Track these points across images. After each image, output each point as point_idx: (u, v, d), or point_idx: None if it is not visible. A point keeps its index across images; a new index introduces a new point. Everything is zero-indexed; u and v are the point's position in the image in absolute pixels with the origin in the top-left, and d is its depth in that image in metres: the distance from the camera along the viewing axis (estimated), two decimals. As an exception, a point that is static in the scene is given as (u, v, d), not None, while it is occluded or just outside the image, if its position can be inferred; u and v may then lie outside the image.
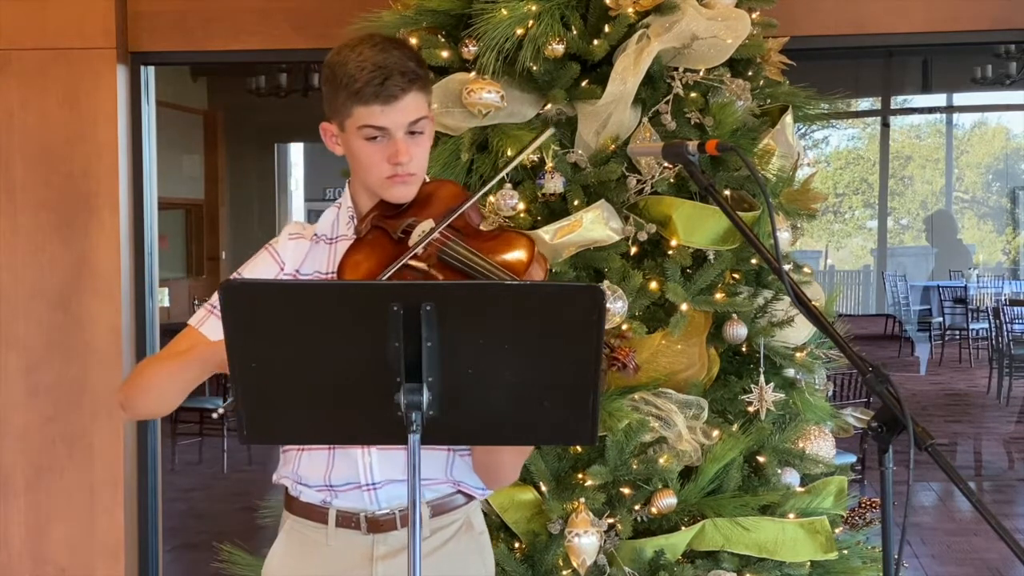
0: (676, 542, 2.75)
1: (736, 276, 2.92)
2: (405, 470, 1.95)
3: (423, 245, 1.89)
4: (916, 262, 18.31)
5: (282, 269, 2.04)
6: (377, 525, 2.00)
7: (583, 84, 2.83)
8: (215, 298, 2.00)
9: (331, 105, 1.98)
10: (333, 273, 1.98)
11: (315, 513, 2.04)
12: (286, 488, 2.09)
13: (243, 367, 1.61)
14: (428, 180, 2.05)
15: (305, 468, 2.02)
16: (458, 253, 1.89)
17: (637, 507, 2.75)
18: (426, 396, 1.58)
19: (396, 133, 1.93)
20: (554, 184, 2.81)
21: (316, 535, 2.04)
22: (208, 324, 2.00)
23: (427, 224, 1.94)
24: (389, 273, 1.87)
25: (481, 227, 2.01)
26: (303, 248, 2.06)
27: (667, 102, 2.86)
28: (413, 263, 1.89)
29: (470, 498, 2.08)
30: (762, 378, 2.86)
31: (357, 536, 2.01)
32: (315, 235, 2.07)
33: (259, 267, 2.05)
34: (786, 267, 2.37)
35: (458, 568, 2.05)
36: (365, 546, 2.01)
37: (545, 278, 1.92)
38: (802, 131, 4.04)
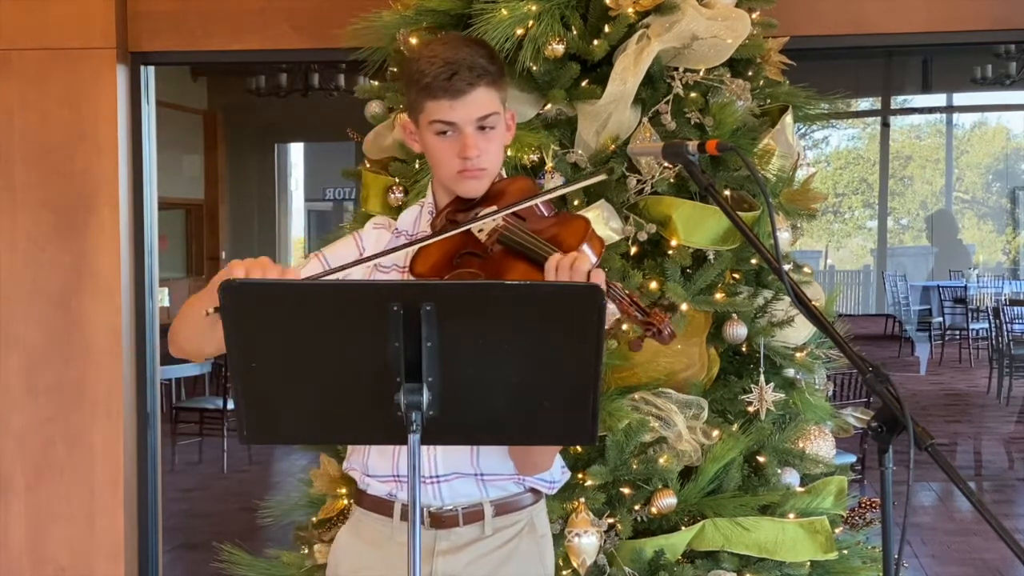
0: (676, 542, 2.75)
1: (736, 276, 2.92)
2: (471, 463, 2.00)
3: (485, 227, 1.93)
4: (916, 262, 18.32)
5: (361, 254, 2.07)
6: (439, 521, 2.03)
7: (583, 84, 2.83)
8: (326, 247, 2.08)
9: (407, 102, 2.03)
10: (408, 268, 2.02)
11: (381, 506, 2.07)
12: (355, 481, 2.13)
13: (243, 367, 1.61)
14: (503, 177, 2.08)
15: (375, 458, 2.06)
16: (518, 237, 1.92)
17: (637, 507, 2.75)
18: (426, 396, 1.58)
19: (465, 128, 1.96)
20: (554, 184, 2.80)
21: (382, 528, 2.07)
22: (309, 267, 2.02)
23: (490, 211, 1.97)
24: (440, 238, 1.92)
25: (544, 212, 2.04)
26: (384, 238, 2.10)
27: (667, 102, 2.86)
28: (478, 250, 1.94)
29: (536, 497, 2.10)
30: (762, 378, 2.86)
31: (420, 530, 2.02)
32: (396, 230, 2.11)
33: (341, 248, 2.09)
34: (786, 267, 2.37)
35: (516, 570, 2.06)
36: (427, 541, 2.02)
37: (599, 255, 1.93)
38: (802, 131, 4.05)
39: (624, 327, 1.86)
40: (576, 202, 2.79)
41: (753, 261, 2.92)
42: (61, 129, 4.01)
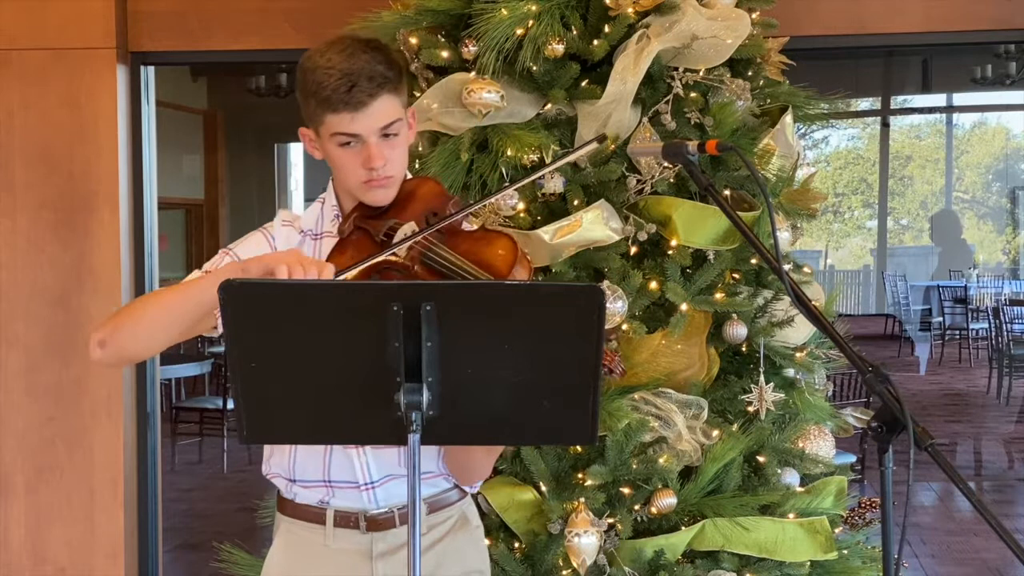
0: (676, 542, 2.75)
1: (736, 276, 2.92)
2: (402, 464, 1.97)
3: (405, 247, 1.89)
4: (917, 262, 18.31)
5: (273, 250, 2.02)
6: (376, 524, 2.01)
7: (583, 84, 2.83)
8: (234, 243, 2.02)
9: (305, 111, 1.97)
10: None
11: (312, 514, 2.03)
12: (279, 490, 2.08)
13: (243, 367, 1.61)
14: (409, 177, 2.04)
15: (302, 463, 2.01)
16: (441, 257, 1.89)
17: (637, 507, 2.75)
18: (426, 396, 1.58)
19: (369, 138, 1.92)
20: (554, 184, 2.81)
21: (314, 536, 2.03)
22: (224, 264, 1.97)
23: (410, 227, 1.93)
24: (363, 266, 1.86)
25: (464, 226, 2.01)
26: (294, 238, 2.06)
27: (667, 102, 2.86)
28: (398, 267, 1.89)
29: (463, 493, 2.10)
30: (762, 378, 2.86)
31: (355, 535, 2.01)
32: (302, 230, 2.07)
33: (251, 245, 2.03)
34: (786, 267, 2.37)
35: (456, 563, 2.06)
36: (364, 545, 2.01)
37: (529, 278, 1.91)
38: (802, 131, 4.04)
39: (624, 327, 1.85)
40: (576, 202, 2.79)
41: (753, 261, 2.92)
42: (61, 129, 4.01)
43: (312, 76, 1.91)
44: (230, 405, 7.55)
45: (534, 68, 2.80)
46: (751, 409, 2.86)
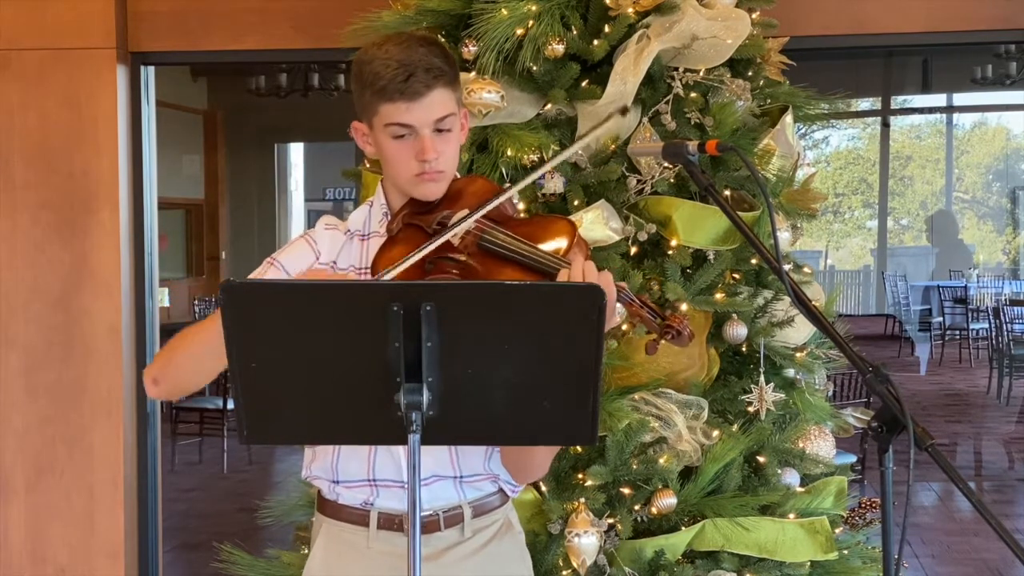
0: (676, 542, 2.75)
1: (736, 276, 2.92)
2: (451, 465, 1.97)
3: (459, 233, 1.88)
4: (917, 262, 18.32)
5: (318, 258, 2.01)
6: (421, 526, 1.99)
7: (583, 84, 2.83)
8: (278, 252, 2.00)
9: (359, 103, 1.97)
10: (367, 269, 1.96)
11: (355, 516, 2.01)
12: (319, 490, 2.06)
13: (243, 367, 1.61)
14: (458, 177, 2.04)
15: (345, 461, 1.99)
16: (499, 240, 1.88)
17: (637, 507, 2.75)
18: (426, 396, 1.58)
19: (422, 130, 1.91)
20: (554, 184, 2.81)
21: (356, 538, 2.01)
22: (269, 275, 1.95)
23: (463, 213, 1.92)
24: (424, 252, 1.85)
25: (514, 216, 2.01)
26: (338, 241, 2.04)
27: (667, 102, 2.86)
28: (452, 254, 1.88)
29: (505, 498, 2.09)
30: (762, 378, 2.86)
31: (398, 538, 1.98)
32: (348, 231, 2.05)
33: (295, 254, 2.00)
34: (786, 267, 2.37)
35: (502, 568, 2.04)
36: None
37: (586, 259, 1.88)
38: (802, 131, 4.05)
39: (624, 327, 1.85)
40: (576, 202, 2.79)
41: (753, 261, 2.92)
42: (61, 129, 4.01)
43: (369, 67, 1.91)
44: (230, 405, 7.55)
45: (534, 68, 2.80)
46: (751, 409, 2.86)
